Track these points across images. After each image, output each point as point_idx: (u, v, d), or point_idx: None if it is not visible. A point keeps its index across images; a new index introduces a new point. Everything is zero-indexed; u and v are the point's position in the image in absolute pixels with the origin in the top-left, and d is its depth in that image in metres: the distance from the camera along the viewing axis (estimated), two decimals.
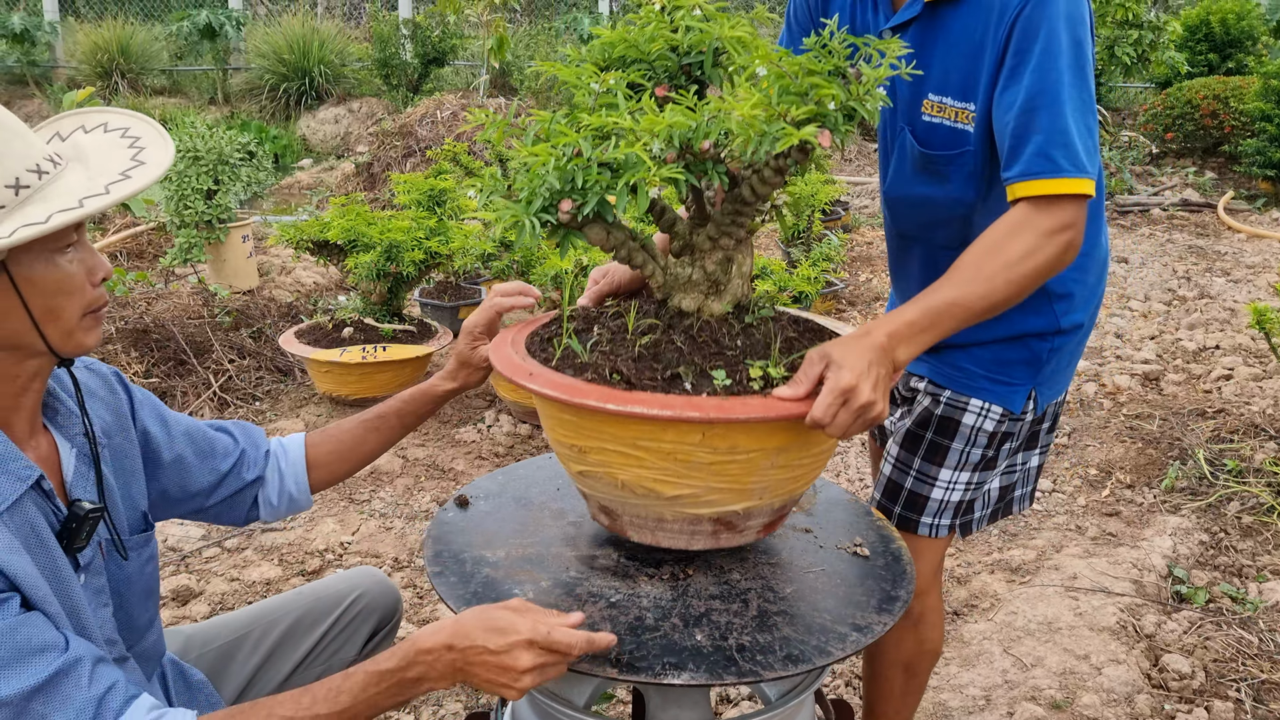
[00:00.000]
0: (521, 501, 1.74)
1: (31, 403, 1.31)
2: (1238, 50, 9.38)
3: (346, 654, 1.81)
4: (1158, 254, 6.58)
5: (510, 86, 11.04)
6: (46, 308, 1.22)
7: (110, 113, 1.36)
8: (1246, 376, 4.38)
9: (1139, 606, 2.78)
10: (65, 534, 1.30)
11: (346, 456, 1.73)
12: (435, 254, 4.20)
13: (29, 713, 1.14)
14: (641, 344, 1.40)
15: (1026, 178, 1.50)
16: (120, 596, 1.43)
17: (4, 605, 1.15)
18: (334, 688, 1.24)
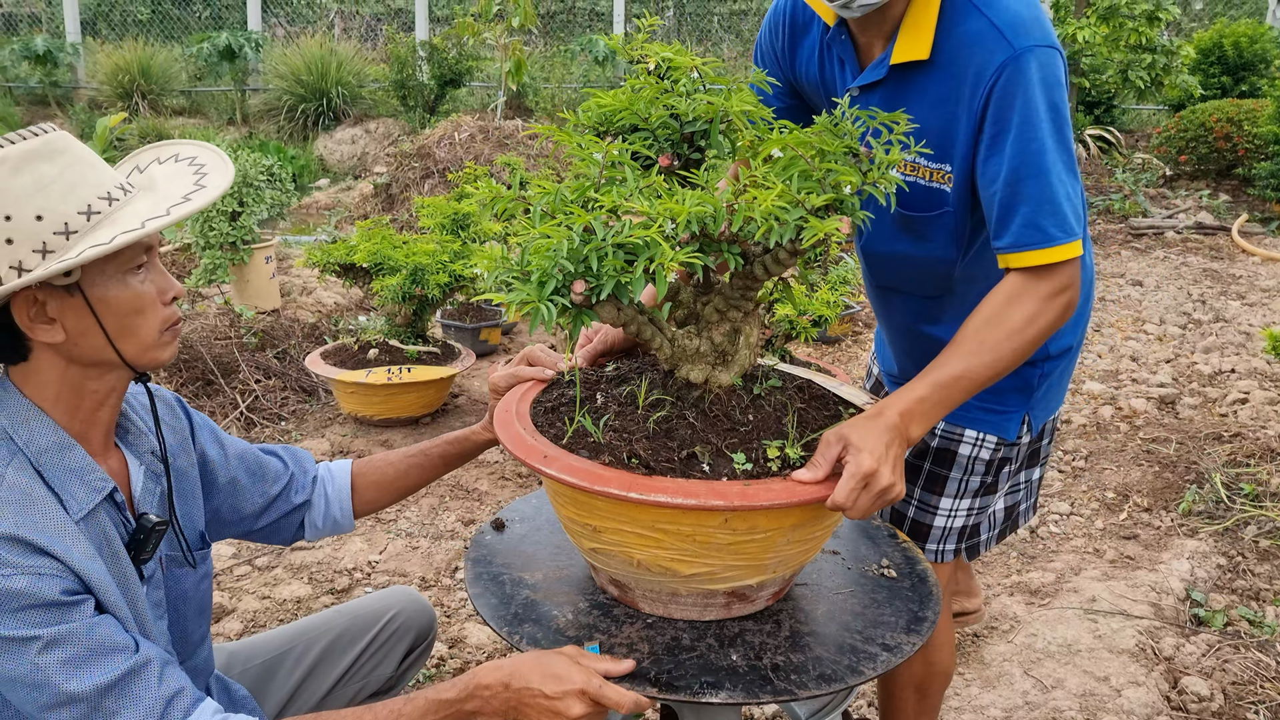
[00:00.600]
0: (556, 524, 1.79)
1: (107, 418, 1.38)
2: (1251, 73, 9.42)
3: (384, 671, 1.86)
4: (1172, 277, 6.61)
5: (526, 108, 11.15)
6: (121, 325, 1.30)
7: (182, 144, 1.44)
8: (1262, 400, 4.41)
9: (1158, 629, 2.81)
10: (133, 545, 1.37)
11: (388, 488, 1.79)
12: (460, 277, 4.27)
13: (101, 710, 1.20)
14: (654, 420, 1.41)
15: (1019, 249, 1.50)
16: (176, 611, 1.50)
17: (80, 606, 1.21)
18: (394, 710, 1.31)
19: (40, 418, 1.30)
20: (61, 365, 1.31)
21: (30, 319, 1.26)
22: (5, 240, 1.21)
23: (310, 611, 2.95)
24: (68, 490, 1.29)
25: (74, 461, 1.31)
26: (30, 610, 1.17)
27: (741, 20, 14.14)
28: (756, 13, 14.14)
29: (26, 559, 1.18)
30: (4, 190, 1.21)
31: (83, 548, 1.25)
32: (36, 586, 1.18)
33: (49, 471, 1.28)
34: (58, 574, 1.20)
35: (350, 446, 4.10)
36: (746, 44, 13.83)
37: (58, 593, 1.19)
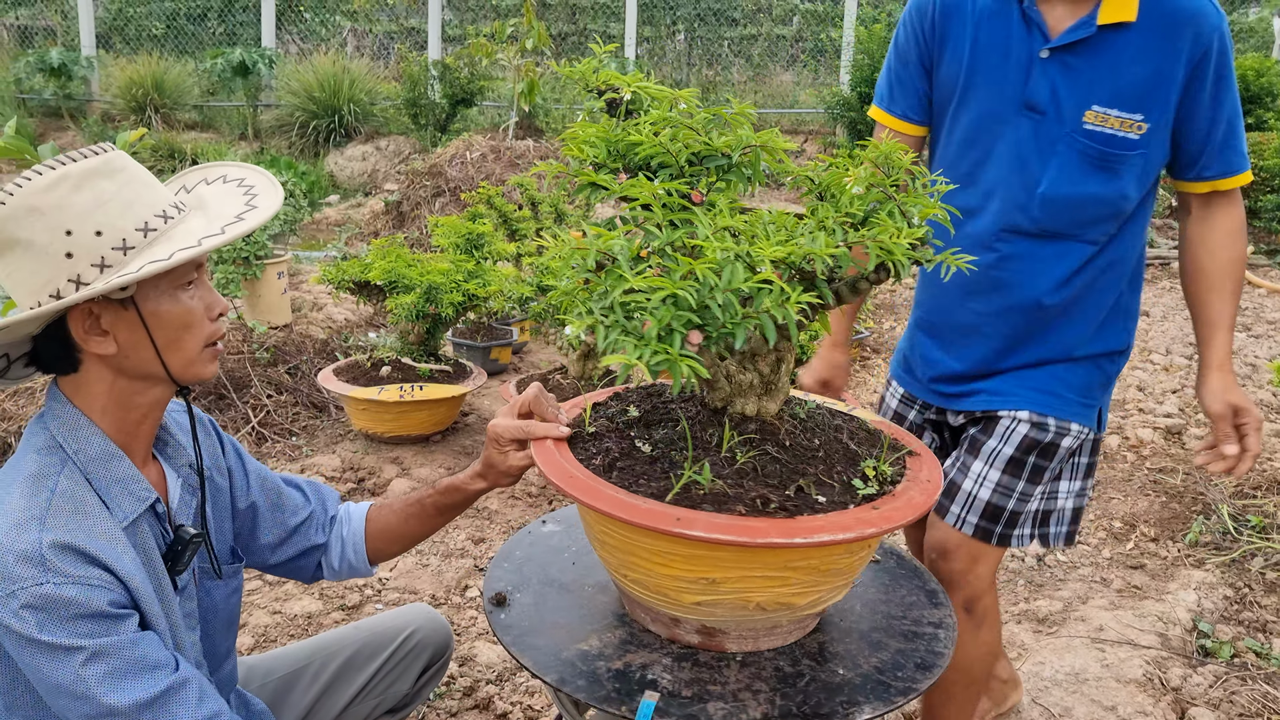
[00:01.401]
0: (560, 582, 1.71)
1: (149, 431, 1.42)
2: (1258, 106, 9.47)
3: (400, 688, 1.88)
4: (1178, 307, 6.64)
5: (537, 128, 11.23)
6: (169, 340, 1.34)
7: (229, 166, 1.49)
8: (1269, 433, 4.43)
9: (1165, 659, 2.82)
10: (170, 556, 1.41)
11: (394, 538, 1.77)
12: (473, 296, 4.30)
13: None
14: (745, 459, 1.38)
15: (1226, 174, 1.89)
16: (206, 623, 1.52)
17: (125, 620, 1.24)
18: None
19: (89, 427, 1.34)
20: (110, 377, 1.34)
21: (85, 331, 1.30)
22: (65, 254, 1.25)
23: (321, 627, 2.97)
24: (114, 499, 1.33)
25: (120, 471, 1.35)
26: (78, 620, 1.20)
27: (751, 45, 14.24)
28: (767, 38, 14.24)
29: (78, 568, 1.21)
30: (66, 206, 1.25)
31: (130, 557, 1.29)
32: (86, 596, 1.21)
33: (96, 480, 1.32)
34: (107, 585, 1.23)
35: (361, 463, 4.12)
36: (756, 68, 13.92)
37: (105, 604, 1.22)
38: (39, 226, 1.25)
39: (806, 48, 14.09)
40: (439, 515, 1.73)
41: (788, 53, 14.23)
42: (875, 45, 10.70)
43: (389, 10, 14.97)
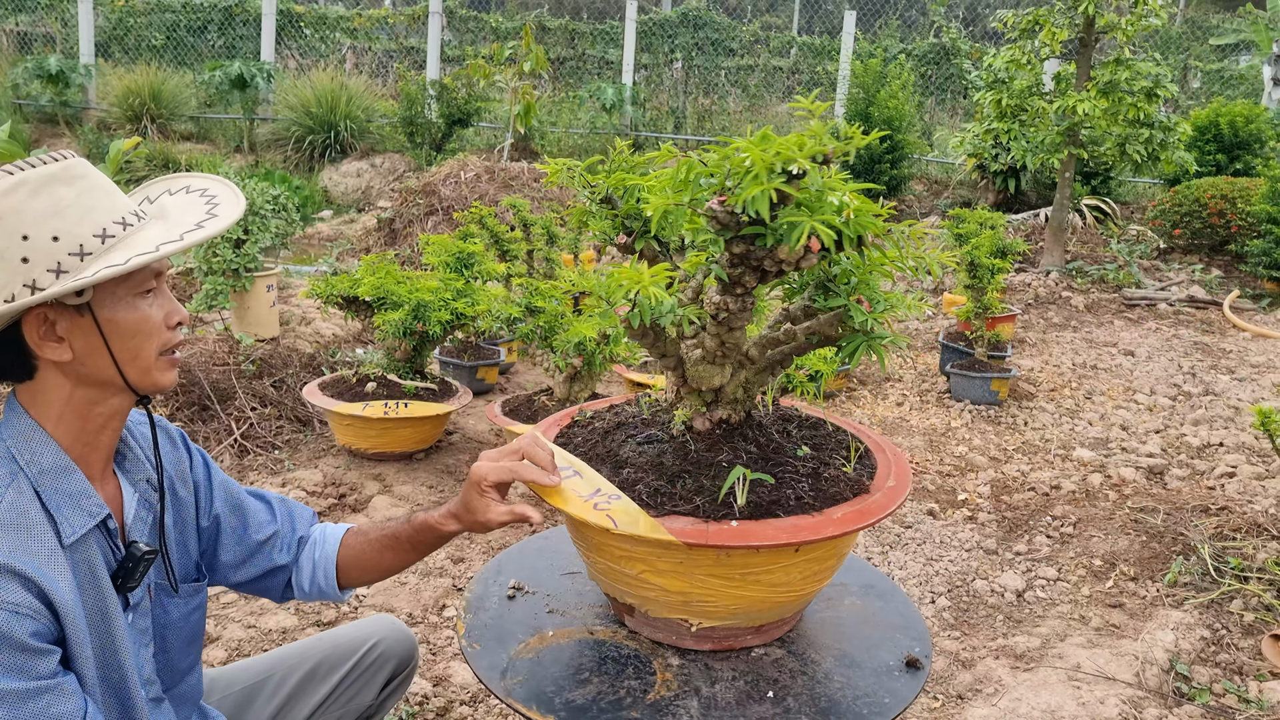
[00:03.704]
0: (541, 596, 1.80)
1: (108, 442, 1.40)
2: (1245, 152, 9.58)
3: (363, 700, 1.86)
4: (1164, 349, 6.68)
5: (532, 150, 11.28)
6: (126, 347, 1.32)
7: (193, 177, 1.48)
8: (1250, 475, 4.45)
9: (1141, 699, 2.82)
10: (120, 573, 1.38)
11: (368, 568, 1.72)
12: (461, 315, 4.30)
13: None
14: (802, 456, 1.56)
15: None
16: (163, 640, 1.50)
17: (46, 657, 1.21)
18: None
19: (44, 438, 1.32)
20: (68, 386, 1.33)
21: (40, 337, 1.29)
22: (21, 259, 1.24)
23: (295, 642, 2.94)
24: (62, 514, 1.30)
25: (72, 485, 1.32)
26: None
27: (748, 75, 14.35)
28: (763, 69, 14.36)
29: (9, 592, 1.19)
30: (23, 211, 1.24)
31: (67, 581, 1.26)
32: (9, 625, 1.18)
33: (46, 493, 1.30)
34: (34, 614, 1.21)
35: (343, 479, 4.10)
36: (752, 98, 14.03)
37: (27, 636, 1.19)
38: None
39: (802, 79, 14.21)
40: (413, 551, 1.68)
41: (784, 84, 14.35)
42: (871, 79, 10.80)
43: (389, 29, 15.05)
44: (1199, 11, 14.61)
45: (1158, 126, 7.86)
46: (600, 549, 1.45)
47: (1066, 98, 7.73)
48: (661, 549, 1.36)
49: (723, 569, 1.39)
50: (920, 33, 14.91)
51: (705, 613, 1.45)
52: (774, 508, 1.40)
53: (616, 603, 1.55)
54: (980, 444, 4.93)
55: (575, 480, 1.47)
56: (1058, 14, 7.88)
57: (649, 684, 1.43)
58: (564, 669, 1.47)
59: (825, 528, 1.36)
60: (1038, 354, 6.63)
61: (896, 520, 3.96)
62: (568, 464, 1.51)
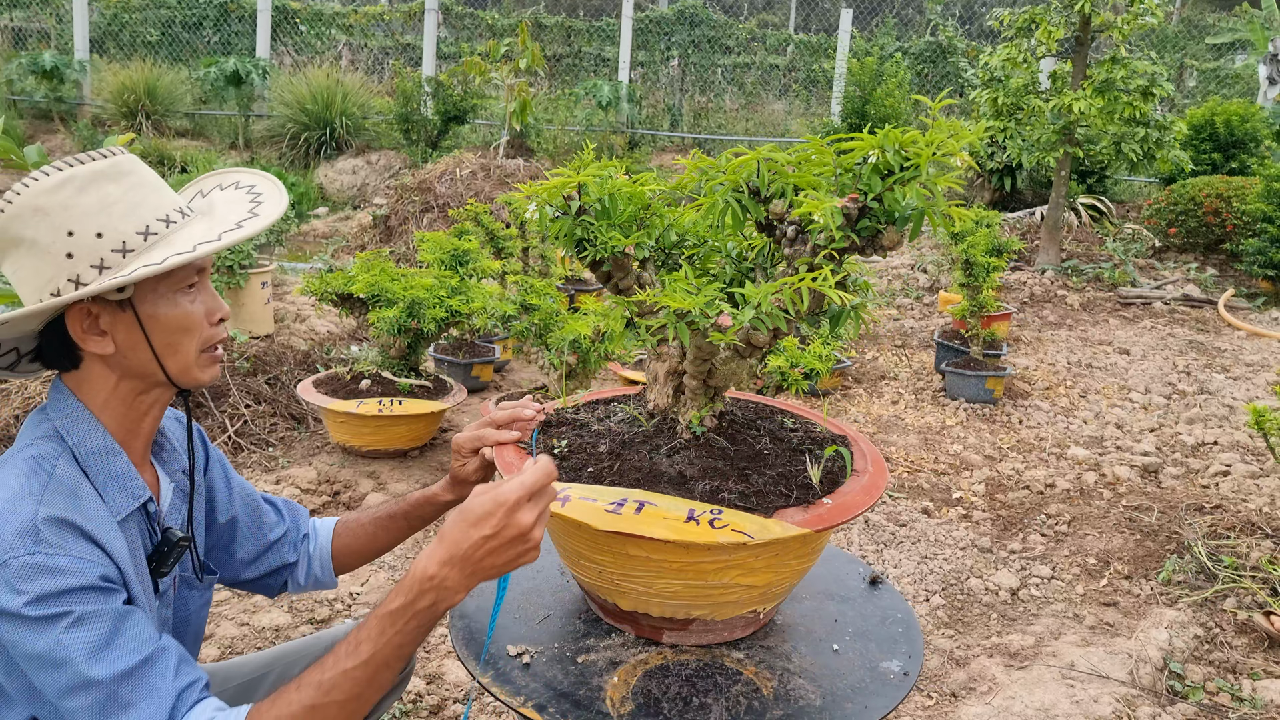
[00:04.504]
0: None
1: (148, 430, 1.42)
2: (1241, 151, 9.59)
3: None
4: (1159, 347, 6.69)
5: (527, 148, 11.26)
6: (167, 342, 1.34)
7: (243, 173, 1.50)
8: (1244, 474, 4.46)
9: (1134, 698, 2.82)
10: (154, 557, 1.40)
11: (361, 551, 1.78)
12: (456, 312, 4.29)
13: (116, 698, 1.19)
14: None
15: None
16: (178, 632, 1.52)
17: (114, 595, 1.23)
18: (351, 641, 1.25)
19: (91, 421, 1.35)
20: (112, 377, 1.35)
21: (83, 330, 1.31)
22: (66, 254, 1.27)
23: (289, 640, 2.93)
24: (109, 493, 1.33)
25: (117, 467, 1.35)
26: (66, 591, 1.19)
27: (745, 73, 14.34)
28: (760, 67, 14.34)
29: (72, 543, 1.21)
30: (70, 207, 1.27)
31: (122, 545, 1.29)
32: (78, 567, 1.20)
33: (93, 473, 1.32)
34: (98, 561, 1.22)
35: (337, 476, 4.10)
36: (749, 96, 14.02)
37: (96, 578, 1.21)
38: (43, 226, 1.26)
39: (799, 78, 14.20)
40: (410, 528, 1.75)
41: (780, 82, 14.34)
42: (867, 78, 10.80)
43: (385, 26, 15.02)
44: (1195, 10, 14.63)
45: (1153, 125, 7.86)
46: (681, 571, 1.39)
47: (1062, 96, 7.73)
48: (762, 548, 1.36)
49: (807, 548, 1.45)
50: (917, 31, 14.90)
51: (775, 595, 1.50)
52: (837, 477, 1.52)
53: (670, 622, 1.48)
54: (975, 442, 4.94)
55: (586, 503, 1.41)
56: (1054, 12, 7.88)
57: (754, 690, 1.42)
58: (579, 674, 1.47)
59: (878, 482, 1.50)
60: (1033, 352, 6.63)
61: (891, 519, 3.96)
62: (563, 488, 1.47)
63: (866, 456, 1.61)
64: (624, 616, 1.52)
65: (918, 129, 1.35)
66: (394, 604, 1.23)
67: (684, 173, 1.56)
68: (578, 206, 1.53)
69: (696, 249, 1.62)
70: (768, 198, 1.46)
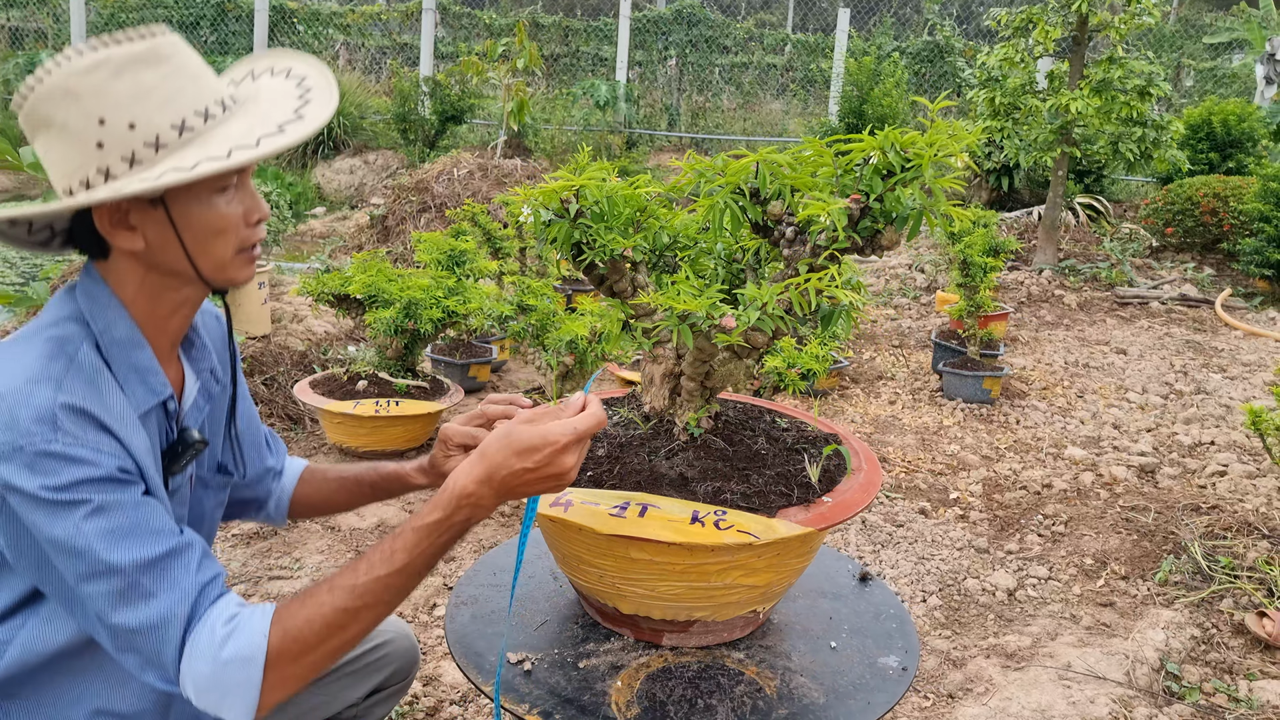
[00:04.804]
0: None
1: (177, 327, 1.37)
2: (1238, 150, 9.60)
3: (350, 694, 1.79)
4: (1156, 347, 6.70)
5: (525, 147, 11.25)
6: (199, 243, 1.28)
7: (296, 59, 1.41)
8: (1241, 474, 4.46)
9: (1131, 698, 2.82)
10: (168, 455, 1.36)
11: (318, 506, 1.76)
12: (453, 313, 4.29)
13: (137, 587, 1.17)
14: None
15: None
16: None
17: (133, 485, 1.21)
18: (387, 550, 1.26)
19: (118, 309, 1.30)
20: (140, 270, 1.30)
21: (111, 225, 1.25)
22: (96, 144, 1.20)
23: None
24: (129, 386, 1.29)
25: (140, 360, 1.31)
26: (84, 481, 1.16)
27: (742, 72, 14.34)
28: (758, 66, 14.34)
29: (89, 433, 1.18)
30: (103, 92, 1.19)
31: (140, 440, 1.25)
32: (95, 458, 1.17)
33: (116, 363, 1.28)
34: (115, 454, 1.20)
35: None
36: (746, 96, 14.02)
37: (114, 469, 1.19)
38: (73, 110, 1.19)
39: (796, 77, 14.20)
40: (373, 497, 1.72)
41: (778, 82, 14.34)
42: (864, 77, 10.80)
43: (382, 25, 15.01)
44: (1192, 10, 14.64)
45: (1150, 125, 7.87)
46: (685, 573, 1.39)
47: (1060, 96, 7.73)
48: (764, 548, 1.36)
49: (807, 546, 1.45)
50: (914, 30, 14.91)
51: (774, 595, 1.50)
52: (834, 475, 1.54)
53: (671, 624, 1.49)
54: (972, 442, 4.94)
55: (588, 507, 1.42)
56: (1051, 12, 7.88)
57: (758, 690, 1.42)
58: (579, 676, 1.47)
59: (874, 480, 1.51)
60: (1030, 352, 6.64)
61: (889, 519, 3.96)
62: (564, 492, 1.47)
63: (860, 455, 1.62)
64: (624, 620, 1.52)
65: (916, 129, 1.35)
66: (432, 517, 1.25)
67: (680, 174, 1.56)
68: (575, 210, 1.52)
69: (688, 251, 1.62)
70: (766, 199, 1.46)
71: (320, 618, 1.22)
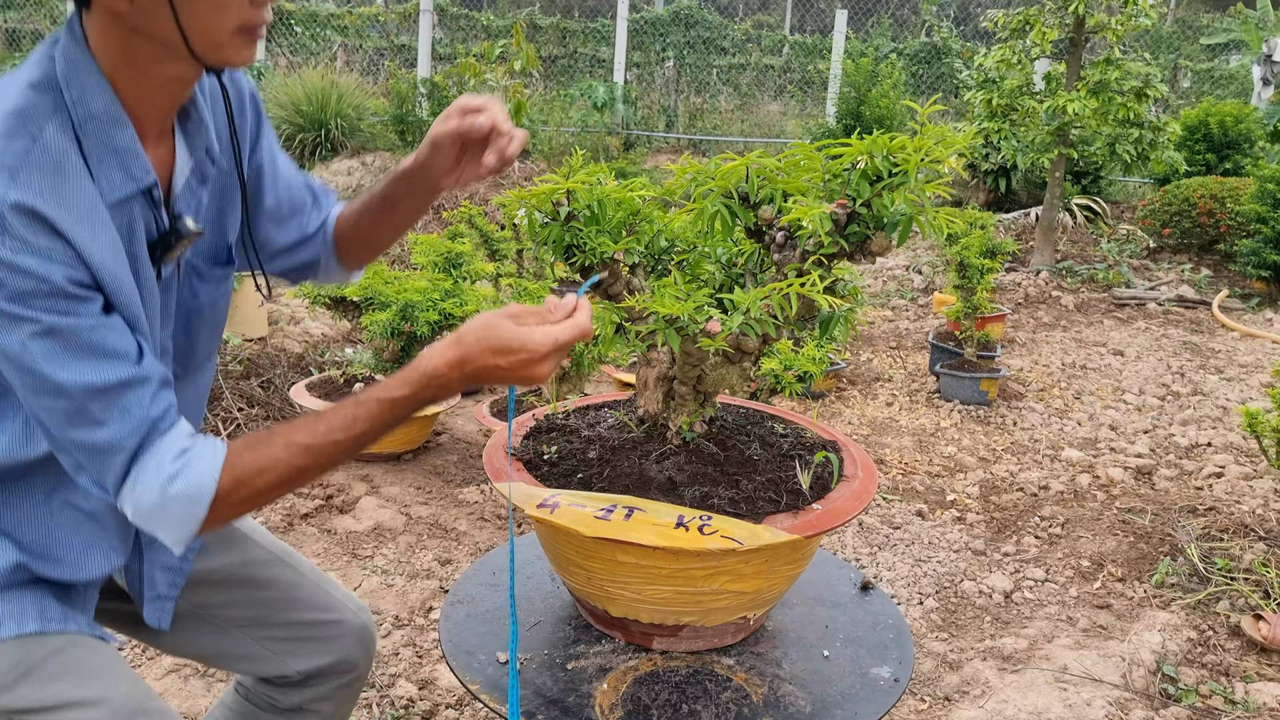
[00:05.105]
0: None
1: (166, 104, 1.25)
2: (1235, 152, 9.61)
3: (287, 664, 1.64)
4: (1153, 348, 6.70)
5: (523, 149, 11.24)
6: (194, 15, 1.14)
7: None
8: (1237, 475, 4.46)
9: (1127, 701, 2.82)
10: (158, 245, 1.27)
11: (363, 246, 1.66)
12: (450, 315, 4.29)
13: (86, 413, 1.14)
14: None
15: None
16: (187, 322, 1.41)
17: (86, 303, 1.13)
18: (348, 415, 1.24)
19: (97, 79, 1.16)
20: (122, 34, 1.16)
21: None
22: None
23: None
24: (103, 170, 1.17)
25: (119, 141, 1.18)
26: (30, 294, 1.09)
27: (740, 74, 14.35)
28: (755, 68, 14.35)
29: (39, 238, 1.08)
30: None
31: (108, 238, 1.15)
32: (45, 270, 1.08)
33: (89, 142, 1.16)
34: (67, 262, 1.10)
35: (330, 480, 4.09)
36: (744, 97, 14.02)
37: (63, 280, 1.10)
38: None
39: (794, 78, 14.21)
40: (409, 212, 1.60)
41: (775, 83, 14.35)
42: (862, 79, 10.80)
43: (380, 27, 15.01)
44: (1189, 11, 14.65)
45: (1147, 126, 7.87)
46: (671, 577, 1.39)
47: (1057, 97, 7.73)
48: (751, 554, 1.36)
49: (798, 554, 1.45)
50: (912, 32, 14.92)
51: (765, 601, 1.50)
52: (828, 482, 1.54)
53: (660, 628, 1.49)
54: (969, 444, 4.94)
55: (575, 509, 1.41)
56: (1048, 14, 7.89)
57: (744, 697, 1.42)
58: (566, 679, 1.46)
59: (868, 488, 1.51)
60: (1027, 354, 6.64)
61: (886, 521, 3.95)
62: (550, 494, 1.48)
63: (857, 462, 1.61)
64: (614, 623, 1.52)
65: (912, 131, 1.35)
66: (399, 393, 1.24)
67: (674, 177, 1.56)
68: (567, 213, 1.52)
69: (686, 254, 1.62)
70: (757, 203, 1.46)
71: (271, 470, 1.22)
